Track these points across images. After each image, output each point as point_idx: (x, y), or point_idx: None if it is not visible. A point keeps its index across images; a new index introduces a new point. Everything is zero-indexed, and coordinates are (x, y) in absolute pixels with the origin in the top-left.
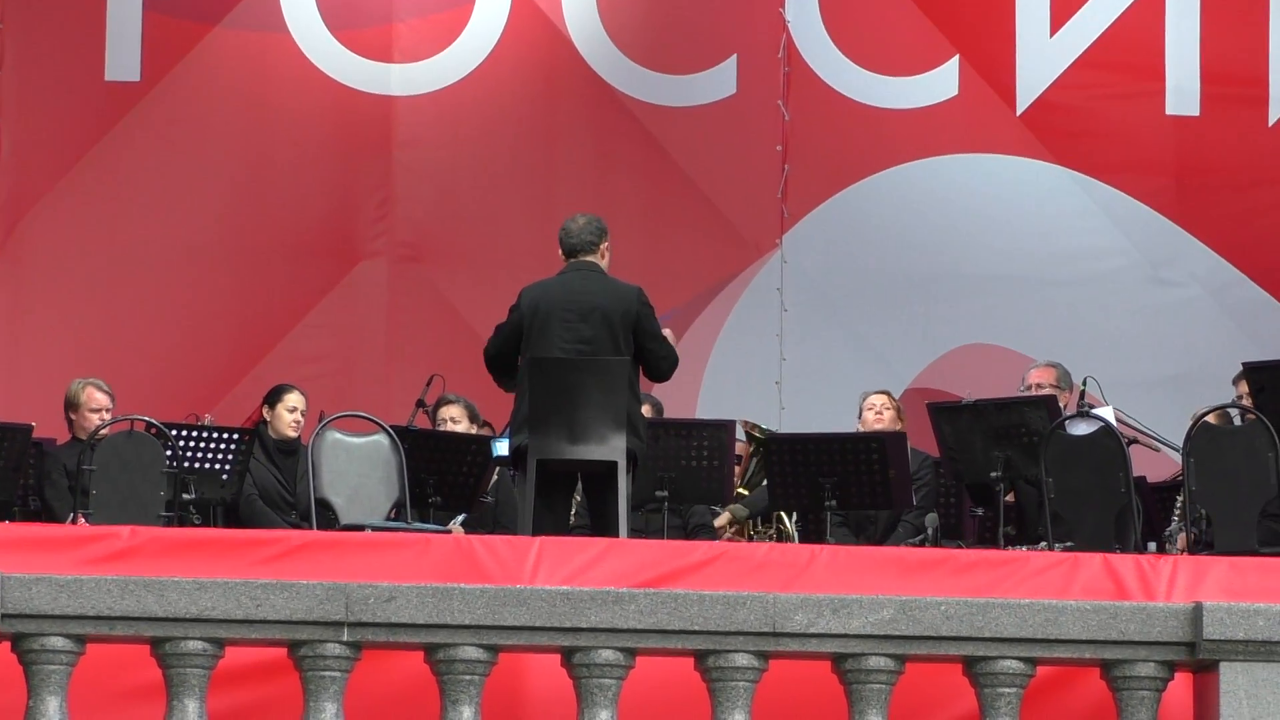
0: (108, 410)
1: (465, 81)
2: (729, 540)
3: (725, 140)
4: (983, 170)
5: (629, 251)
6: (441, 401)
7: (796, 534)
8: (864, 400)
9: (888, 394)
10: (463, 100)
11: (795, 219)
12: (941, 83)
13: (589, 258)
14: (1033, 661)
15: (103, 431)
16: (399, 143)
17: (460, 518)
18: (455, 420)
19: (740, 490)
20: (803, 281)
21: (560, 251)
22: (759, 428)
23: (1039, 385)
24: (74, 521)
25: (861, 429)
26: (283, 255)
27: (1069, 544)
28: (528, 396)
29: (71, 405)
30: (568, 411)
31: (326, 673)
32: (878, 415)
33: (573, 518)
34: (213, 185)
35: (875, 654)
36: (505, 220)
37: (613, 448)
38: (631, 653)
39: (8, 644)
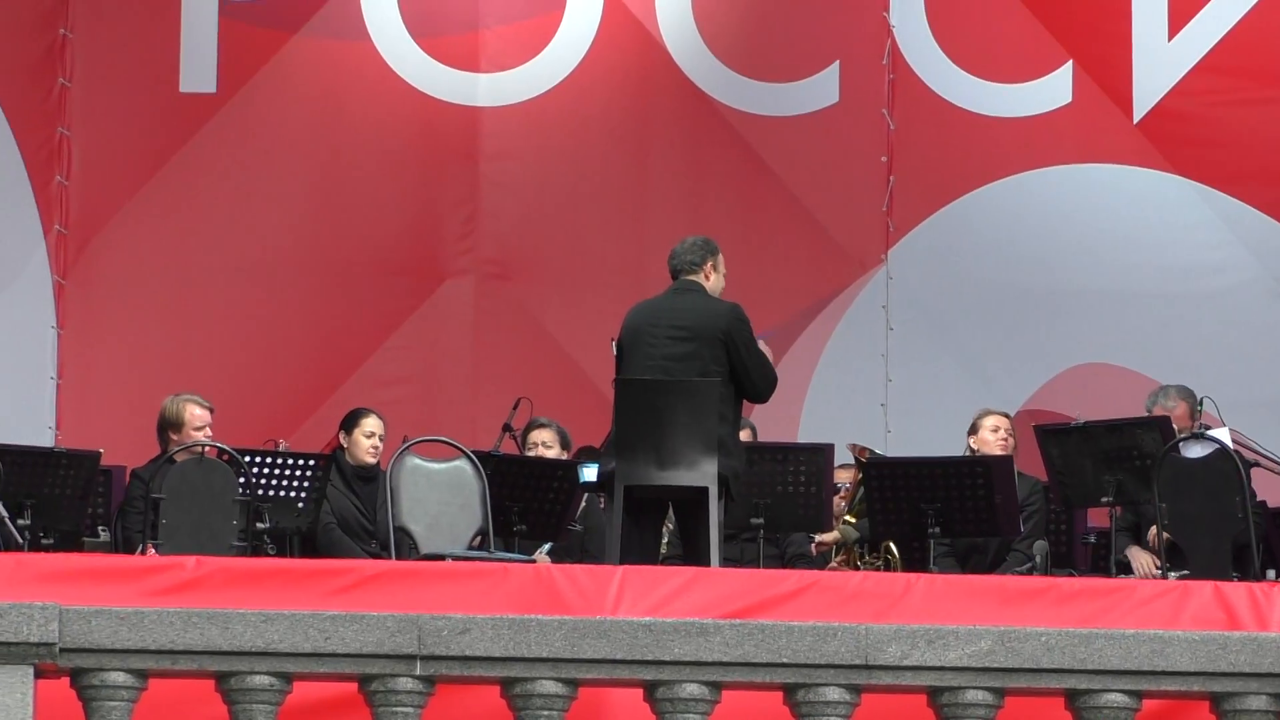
0: (210, 426)
1: (554, 91)
2: (835, 567)
3: (827, 151)
4: (1098, 181)
5: (727, 267)
6: (532, 425)
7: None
8: (982, 417)
9: (1009, 417)
10: (552, 111)
11: (901, 233)
12: (1054, 90)
13: (691, 278)
14: (1138, 695)
15: (187, 451)
16: (485, 155)
17: (547, 546)
18: (547, 445)
19: (848, 518)
20: (909, 299)
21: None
22: (870, 451)
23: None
24: (143, 552)
25: (975, 447)
26: (364, 274)
27: (1184, 572)
28: (616, 420)
29: (173, 425)
30: (655, 435)
31: (399, 708)
32: (1002, 440)
33: (666, 547)
34: (291, 201)
35: (973, 687)
36: (596, 236)
37: (702, 473)
38: (717, 686)
39: (66, 679)
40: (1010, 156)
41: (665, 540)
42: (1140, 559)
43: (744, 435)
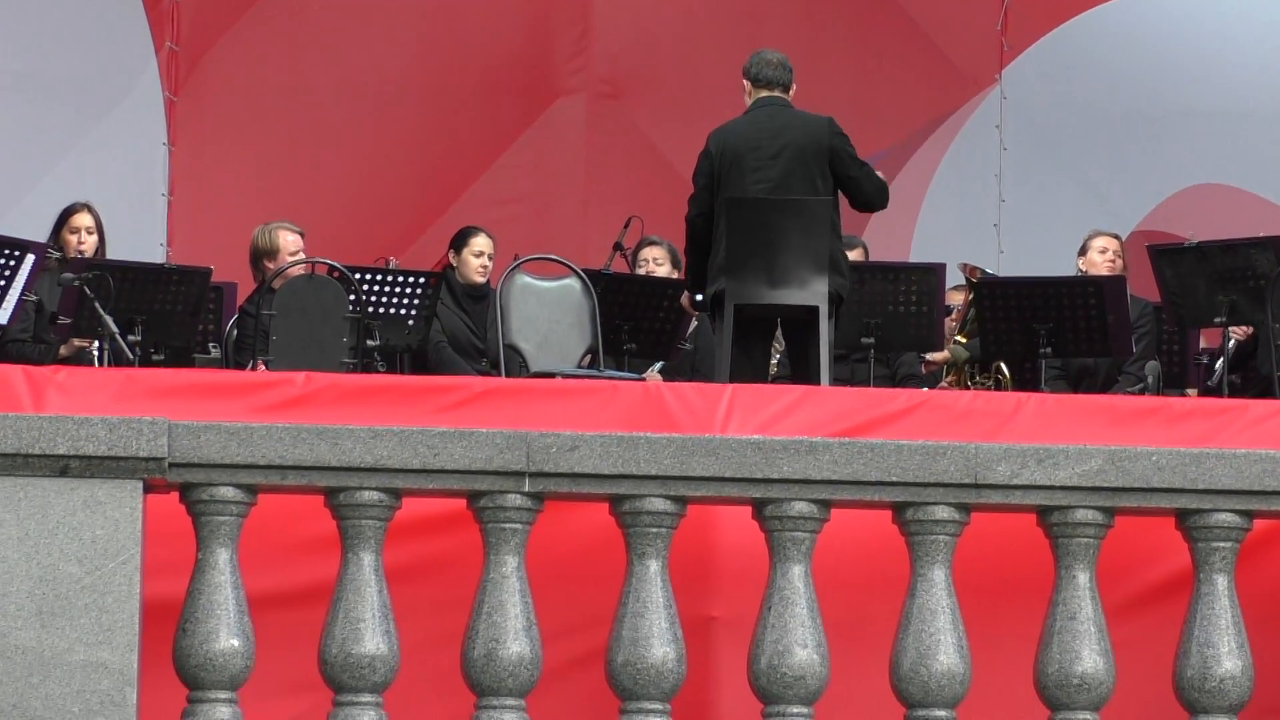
0: (302, 252)
1: None
2: (946, 386)
3: None
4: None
5: (838, 89)
6: (643, 243)
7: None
8: (1091, 238)
9: (1118, 239)
10: None
11: (1015, 52)
12: None
13: (781, 94)
14: (1249, 514)
15: (287, 273)
16: None
17: (658, 365)
18: (658, 262)
19: (959, 338)
20: (1023, 119)
21: (747, 84)
22: (981, 271)
23: None
24: (253, 368)
25: (1083, 268)
26: (476, 93)
27: None
28: (724, 240)
29: (267, 253)
30: (766, 254)
31: (507, 524)
32: (1110, 261)
33: (775, 367)
34: (402, 18)
35: (1083, 506)
36: (709, 55)
37: (814, 292)
38: (826, 505)
39: (175, 495)
40: None
41: (775, 361)
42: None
43: (856, 254)
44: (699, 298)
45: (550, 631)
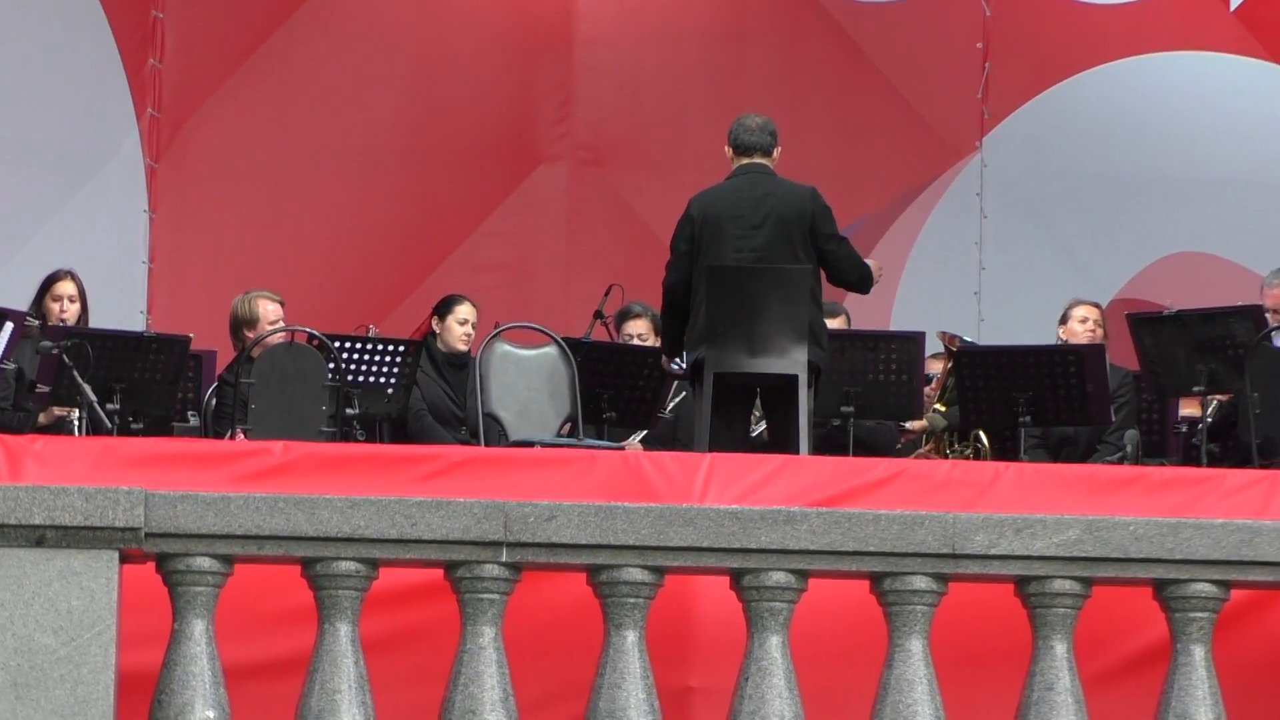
0: (282, 321)
1: None
2: (923, 455)
3: (923, 37)
4: (1195, 69)
5: (821, 155)
6: (625, 314)
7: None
8: (1071, 307)
9: (1099, 308)
10: None
11: (996, 120)
12: None
13: (763, 160)
14: (1227, 584)
15: (267, 341)
16: (581, 40)
17: (639, 435)
18: (642, 337)
19: (938, 407)
20: (1004, 186)
21: (729, 150)
22: (960, 339)
23: (1276, 311)
24: (232, 437)
25: (1064, 337)
26: (458, 160)
27: (1276, 460)
28: (704, 307)
29: (247, 322)
30: (746, 322)
31: (485, 595)
32: (1090, 330)
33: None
34: (385, 85)
35: (1060, 576)
36: (691, 122)
37: (793, 360)
38: (804, 575)
39: (152, 564)
40: (1107, 43)
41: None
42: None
43: (839, 322)
44: (676, 365)
45: (527, 703)
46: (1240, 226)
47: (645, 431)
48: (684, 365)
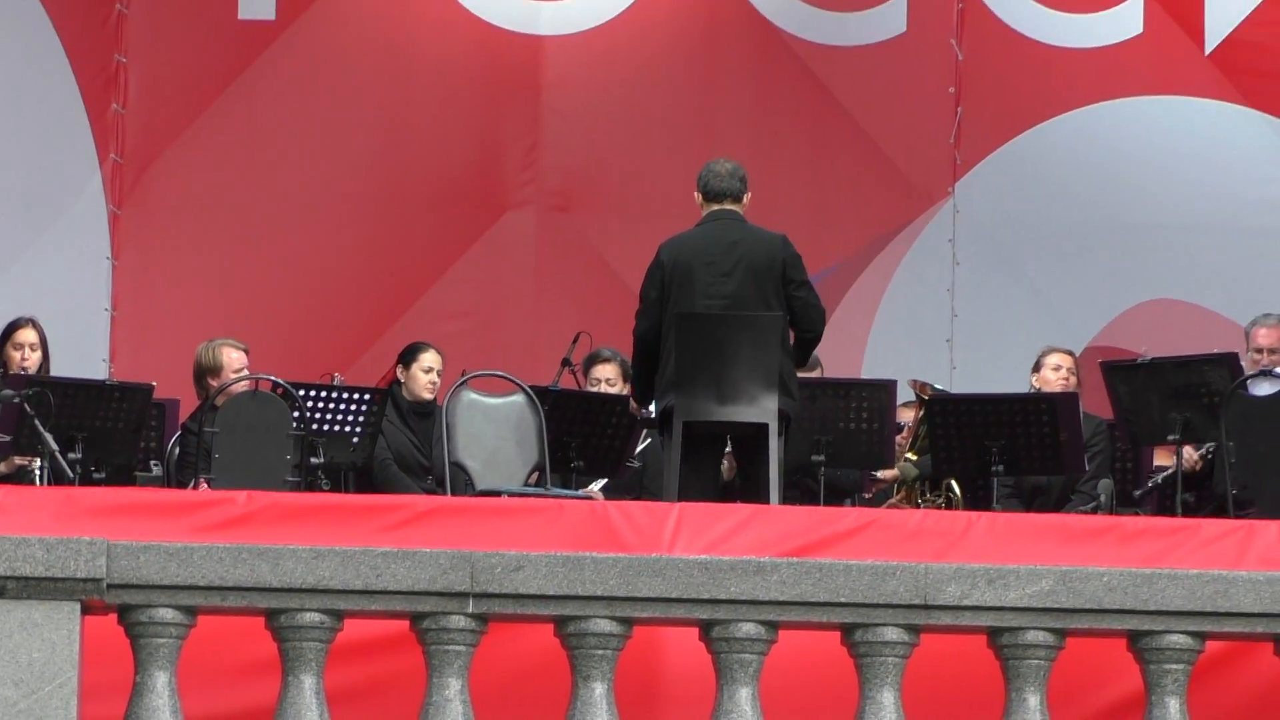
0: (246, 369)
1: (619, 19)
2: (895, 504)
3: (894, 82)
4: (1169, 113)
5: (791, 201)
6: (593, 359)
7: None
8: (1044, 355)
9: (1073, 355)
10: (616, 40)
11: (968, 166)
12: (1125, 19)
13: (733, 206)
14: (1202, 636)
15: (230, 390)
16: (548, 85)
17: (600, 483)
18: (610, 382)
19: (909, 455)
20: (976, 232)
21: (698, 196)
22: (931, 387)
23: (1272, 350)
24: (195, 486)
25: (1037, 385)
26: (424, 205)
27: (1252, 510)
28: (674, 355)
29: (210, 370)
30: (716, 370)
31: (451, 646)
32: (1064, 378)
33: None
34: (351, 131)
35: (1033, 628)
36: (660, 168)
37: (763, 409)
38: (774, 626)
39: (114, 616)
40: (1080, 88)
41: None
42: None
43: (815, 372)
44: (647, 413)
45: None
46: (1216, 273)
47: (606, 480)
48: (653, 412)
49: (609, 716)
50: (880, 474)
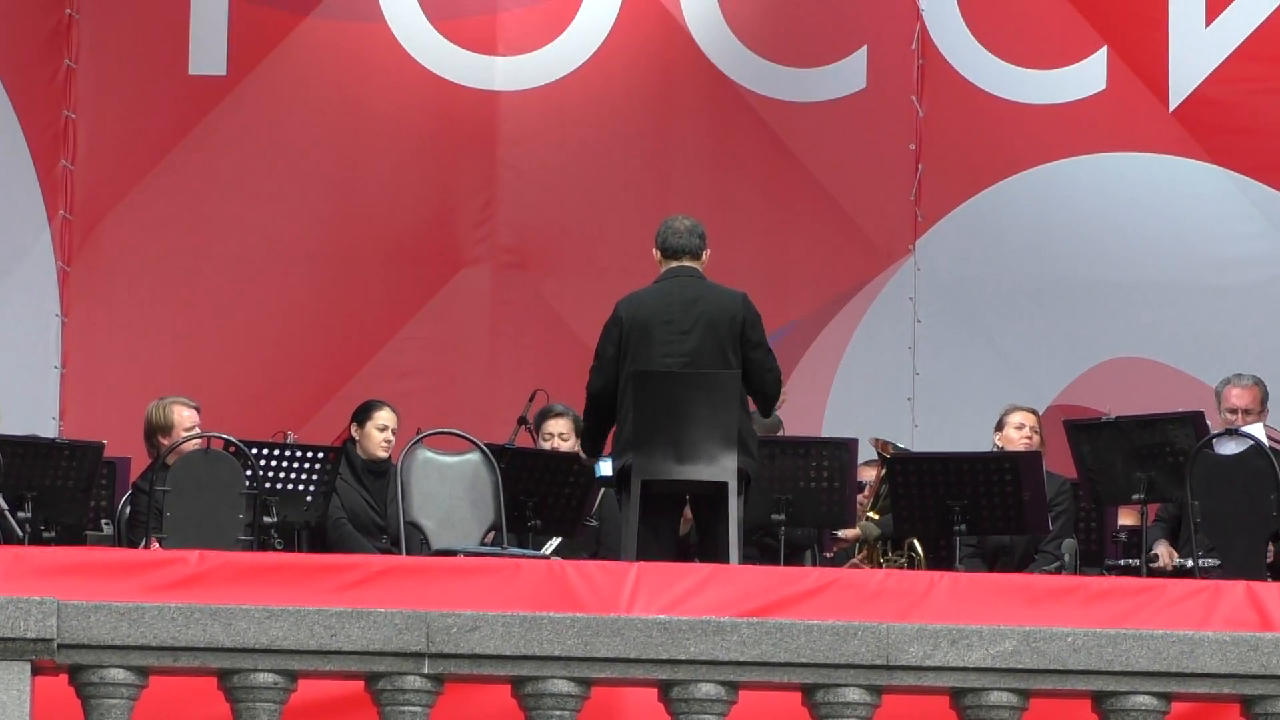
0: (198, 427)
1: (574, 76)
2: (856, 564)
3: (854, 138)
4: (1133, 170)
5: (750, 258)
6: (546, 414)
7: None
8: (1007, 414)
9: (1036, 414)
10: (572, 96)
11: (930, 223)
12: (1088, 76)
13: (692, 263)
14: (1167, 697)
15: (182, 448)
16: (503, 141)
17: (554, 542)
18: (563, 437)
19: (871, 514)
20: (938, 290)
21: (657, 253)
22: (893, 445)
23: (1245, 411)
24: (146, 546)
25: (1000, 445)
26: (378, 262)
27: (1215, 564)
28: (631, 413)
29: (161, 429)
30: (674, 429)
31: (406, 708)
32: (1027, 437)
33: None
34: (303, 187)
35: (997, 689)
36: (616, 225)
37: (722, 467)
38: (734, 686)
39: (65, 676)
40: (1042, 145)
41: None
42: (1164, 551)
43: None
44: (604, 473)
45: None
46: (1179, 331)
47: (561, 539)
48: (609, 474)
49: None
50: (841, 533)
